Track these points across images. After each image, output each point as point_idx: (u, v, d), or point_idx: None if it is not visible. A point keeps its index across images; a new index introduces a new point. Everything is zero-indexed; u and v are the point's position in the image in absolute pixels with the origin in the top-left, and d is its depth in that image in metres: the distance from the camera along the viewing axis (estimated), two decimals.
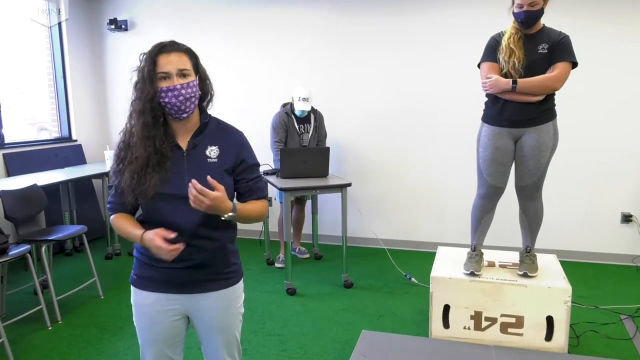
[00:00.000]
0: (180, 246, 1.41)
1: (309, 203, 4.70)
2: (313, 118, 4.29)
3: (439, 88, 4.54)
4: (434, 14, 4.47)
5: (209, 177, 1.40)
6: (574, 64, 2.55)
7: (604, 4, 4.08)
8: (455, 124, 4.53)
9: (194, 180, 1.36)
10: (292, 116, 4.23)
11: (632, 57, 4.09)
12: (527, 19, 2.50)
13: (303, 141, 4.29)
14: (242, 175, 1.58)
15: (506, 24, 2.69)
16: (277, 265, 4.36)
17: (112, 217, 1.57)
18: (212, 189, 1.39)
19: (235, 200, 1.57)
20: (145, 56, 1.46)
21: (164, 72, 1.43)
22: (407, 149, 4.70)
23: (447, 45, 4.46)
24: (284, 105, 4.33)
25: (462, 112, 4.49)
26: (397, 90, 4.65)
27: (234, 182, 1.58)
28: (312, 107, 4.31)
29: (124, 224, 1.53)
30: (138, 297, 1.59)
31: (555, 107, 2.67)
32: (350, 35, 4.70)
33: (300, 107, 4.13)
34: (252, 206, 1.59)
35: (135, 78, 1.47)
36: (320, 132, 4.38)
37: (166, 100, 1.44)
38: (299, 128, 4.24)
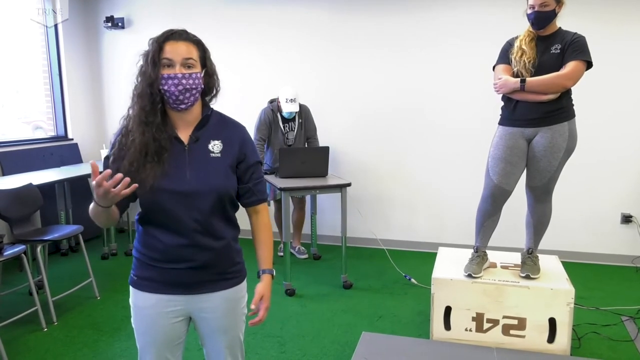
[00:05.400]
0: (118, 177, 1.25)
1: (307, 202, 4.66)
2: (297, 114, 4.25)
3: (439, 88, 4.51)
4: (433, 13, 4.44)
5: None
6: (589, 64, 2.51)
7: (605, 2, 4.06)
8: (455, 124, 4.51)
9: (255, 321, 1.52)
10: (278, 114, 4.20)
11: (632, 57, 4.07)
12: (537, 20, 2.51)
13: (288, 140, 4.26)
14: (245, 173, 1.54)
15: (506, 23, 2.67)
16: (279, 254, 4.47)
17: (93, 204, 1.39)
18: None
19: (263, 267, 1.60)
20: (152, 40, 1.42)
21: (168, 59, 1.40)
22: (407, 149, 4.67)
23: (448, 45, 4.44)
24: (271, 101, 4.28)
25: (463, 112, 4.47)
26: (397, 90, 4.62)
27: (237, 178, 1.54)
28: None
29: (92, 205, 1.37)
30: (138, 299, 1.53)
31: (574, 107, 2.61)
32: (348, 34, 4.66)
33: (288, 109, 4.10)
34: (266, 236, 1.63)
35: (141, 62, 1.43)
36: (308, 127, 4.33)
37: (165, 87, 1.40)
38: (283, 127, 4.22)
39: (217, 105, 1.57)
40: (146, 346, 1.55)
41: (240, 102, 4.91)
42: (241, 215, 1.61)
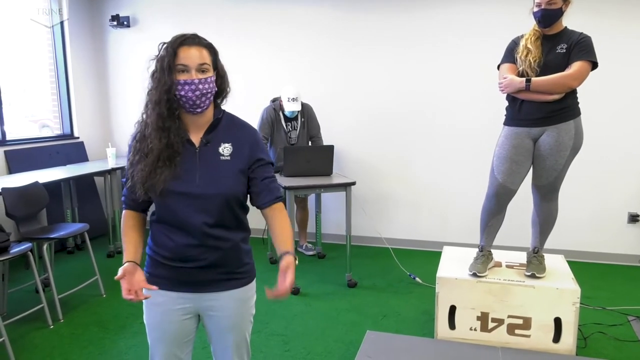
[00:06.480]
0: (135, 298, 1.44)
1: (312, 200, 4.66)
2: (300, 113, 4.26)
3: (443, 87, 4.49)
4: (437, 12, 4.42)
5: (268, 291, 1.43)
6: (594, 64, 2.49)
7: (611, 0, 4.03)
8: (460, 123, 4.49)
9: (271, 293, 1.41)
10: (281, 113, 4.20)
11: (637, 55, 4.04)
12: (544, 18, 2.48)
13: (291, 139, 4.27)
14: (257, 173, 1.53)
15: (510, 23, 2.65)
16: None
17: (123, 212, 1.58)
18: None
19: (284, 249, 1.50)
20: (165, 46, 1.42)
21: (183, 65, 1.40)
22: (412, 148, 4.66)
23: (452, 44, 4.42)
24: (274, 100, 4.29)
25: (466, 112, 4.45)
26: (402, 89, 4.61)
27: (249, 179, 1.54)
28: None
29: (126, 230, 1.55)
30: None
31: (579, 105, 2.60)
32: (353, 32, 4.66)
33: (290, 108, 4.10)
34: (286, 227, 1.54)
35: (152, 67, 1.43)
36: (311, 126, 4.33)
37: (182, 93, 1.41)
38: (286, 126, 4.22)
39: (222, 103, 1.58)
40: (156, 342, 1.58)
41: (244, 101, 4.91)
42: (251, 216, 1.61)
